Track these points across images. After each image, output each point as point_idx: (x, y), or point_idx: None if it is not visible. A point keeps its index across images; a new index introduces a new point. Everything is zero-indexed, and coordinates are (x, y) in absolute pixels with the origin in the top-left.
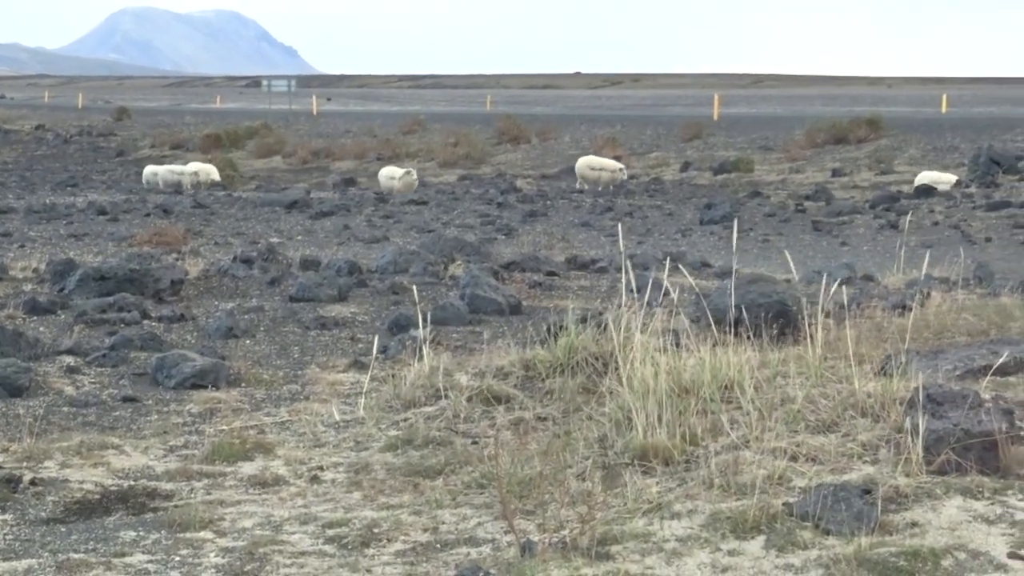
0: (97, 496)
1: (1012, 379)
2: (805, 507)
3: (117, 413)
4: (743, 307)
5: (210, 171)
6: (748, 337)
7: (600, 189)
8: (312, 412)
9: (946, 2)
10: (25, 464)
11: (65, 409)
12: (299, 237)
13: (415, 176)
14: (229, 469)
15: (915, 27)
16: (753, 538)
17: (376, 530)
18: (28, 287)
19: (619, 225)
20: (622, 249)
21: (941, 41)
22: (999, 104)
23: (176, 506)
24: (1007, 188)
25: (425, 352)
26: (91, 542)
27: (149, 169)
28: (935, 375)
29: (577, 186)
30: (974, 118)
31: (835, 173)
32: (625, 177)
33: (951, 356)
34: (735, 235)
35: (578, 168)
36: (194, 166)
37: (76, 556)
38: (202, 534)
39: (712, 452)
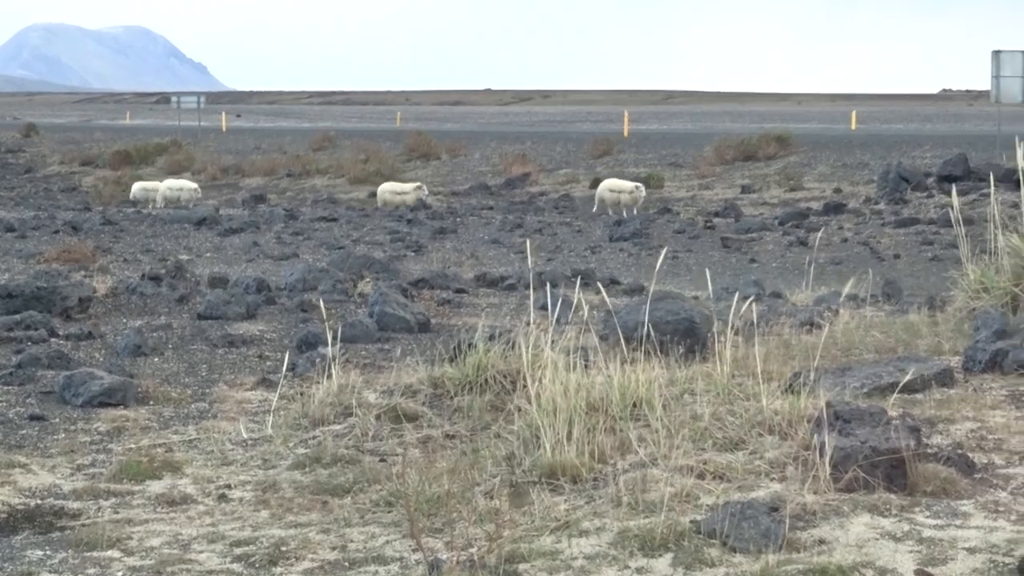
0: (3, 515)
1: (919, 396)
2: (712, 524)
3: (24, 431)
4: (652, 324)
5: (196, 187)
6: (657, 355)
7: (622, 212)
8: (220, 430)
9: (856, 20)
10: None
11: None
12: (208, 254)
13: (426, 190)
14: (137, 488)
15: (825, 44)
16: (661, 556)
17: (284, 548)
18: None
19: (527, 242)
20: (531, 266)
21: (851, 58)
22: (908, 121)
23: (83, 525)
24: (915, 205)
25: (334, 370)
26: None
27: (139, 186)
28: (843, 392)
29: (595, 210)
30: (883, 135)
31: (744, 190)
32: (644, 195)
33: (859, 373)
34: (661, 257)
35: (599, 191)
36: (183, 183)
37: None
38: (110, 553)
39: (620, 470)
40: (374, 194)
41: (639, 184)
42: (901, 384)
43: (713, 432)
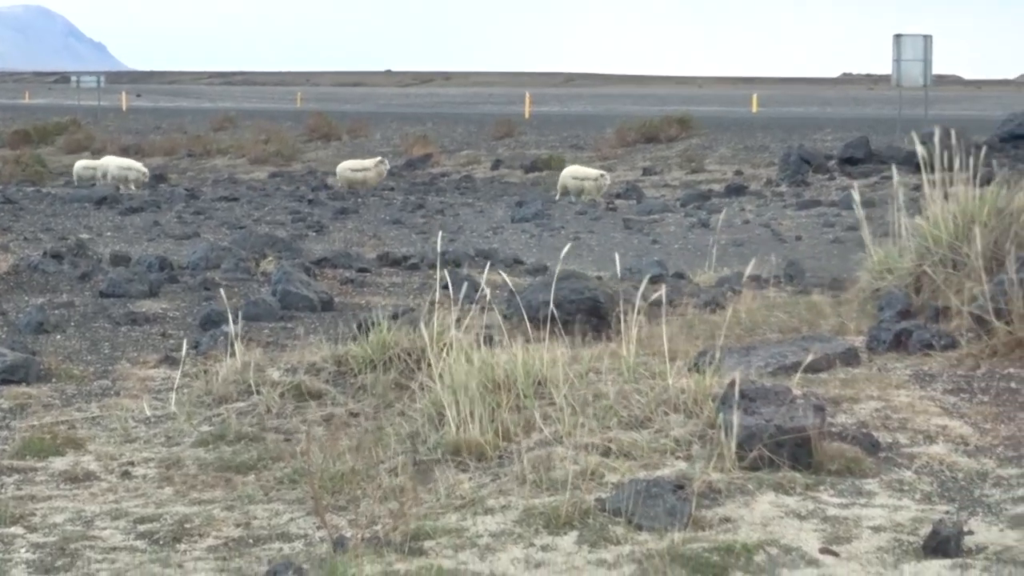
0: None
1: (824, 375)
2: (618, 503)
3: None
4: (556, 304)
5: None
6: (561, 334)
7: (584, 199)
8: (123, 408)
9: (757, 2)
10: None
11: None
12: (109, 233)
13: (387, 165)
14: (40, 464)
15: (726, 27)
16: (566, 533)
17: (188, 525)
18: None
19: (433, 222)
20: (436, 246)
21: (752, 42)
22: (809, 104)
23: None
24: (817, 187)
25: (237, 348)
26: None
27: (82, 164)
28: (747, 372)
29: (556, 197)
30: (784, 118)
31: (646, 172)
32: (608, 182)
33: (763, 353)
34: (566, 250)
35: (562, 179)
36: (132, 162)
37: None
38: (12, 529)
39: (525, 448)
40: (276, 174)
41: (604, 172)
42: (805, 363)
43: (618, 410)
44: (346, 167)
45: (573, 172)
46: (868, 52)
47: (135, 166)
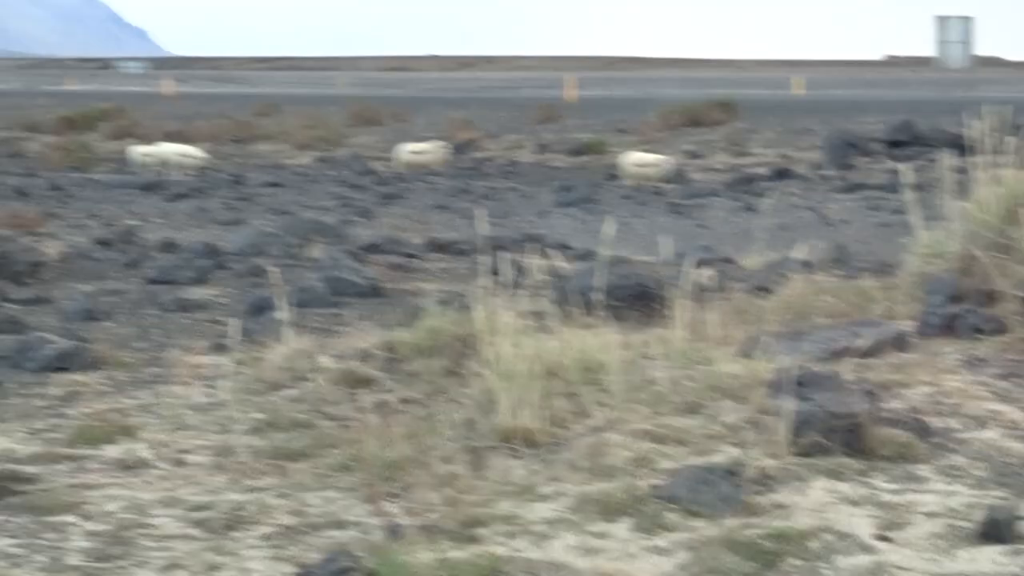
0: None
1: (874, 361)
2: (671, 489)
3: None
4: (605, 289)
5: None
6: (611, 319)
7: (663, 186)
8: (175, 395)
9: None
10: None
11: None
12: (156, 219)
13: (448, 148)
14: (93, 452)
15: (769, 9)
16: (620, 520)
17: (242, 513)
18: None
19: (479, 207)
20: (482, 231)
21: (795, 24)
22: (853, 87)
23: (40, 490)
24: (862, 170)
25: (287, 335)
26: None
27: (140, 150)
28: (798, 357)
29: (626, 182)
30: (828, 100)
31: (691, 155)
32: (671, 167)
33: (813, 338)
34: (608, 227)
35: (623, 164)
36: (190, 148)
37: None
38: (67, 517)
39: (577, 434)
40: (320, 160)
41: (666, 157)
42: (856, 349)
43: (670, 396)
44: (406, 149)
45: (634, 159)
46: (912, 34)
47: (193, 152)
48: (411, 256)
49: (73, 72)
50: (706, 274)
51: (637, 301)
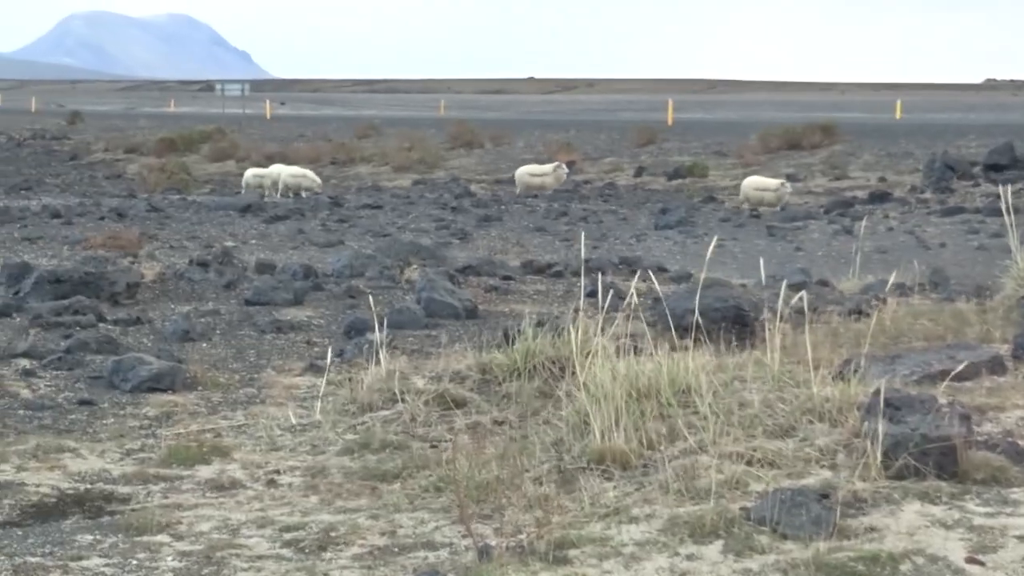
0: (53, 499)
1: (969, 384)
2: (763, 512)
3: (73, 416)
4: (700, 312)
5: (319, 180)
6: (705, 342)
7: (762, 209)
8: (268, 416)
9: (900, 8)
10: None
11: (21, 412)
12: (253, 241)
13: (566, 170)
14: (186, 472)
15: (869, 33)
16: (711, 543)
17: (333, 534)
18: None
19: (577, 230)
20: (580, 254)
21: (894, 47)
22: (953, 110)
23: (133, 509)
24: (961, 194)
25: (382, 356)
26: (48, 545)
27: (251, 172)
28: (893, 380)
29: (744, 207)
30: (928, 124)
31: (789, 178)
32: (790, 191)
33: (908, 361)
34: (707, 242)
35: (743, 189)
36: (306, 171)
37: (32, 560)
38: (159, 537)
39: (670, 456)
40: (419, 182)
41: (784, 181)
42: (952, 372)
43: (763, 419)
44: (525, 172)
45: (754, 183)
46: (1013, 57)
47: (308, 174)
48: (507, 278)
49: (175, 94)
50: (802, 297)
51: (732, 324)
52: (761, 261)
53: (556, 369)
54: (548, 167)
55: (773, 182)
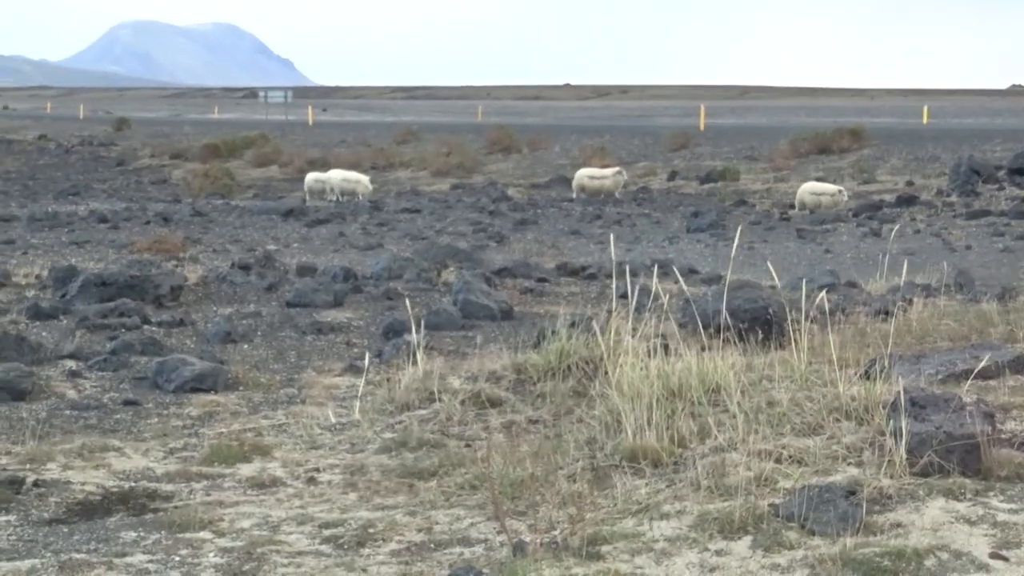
0: (98, 497)
1: (993, 383)
2: (791, 508)
3: (118, 416)
4: (730, 313)
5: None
6: (735, 342)
7: (792, 212)
8: (308, 415)
9: (926, 16)
10: (28, 466)
11: (67, 412)
12: (295, 244)
13: (624, 176)
14: (228, 471)
15: (898, 40)
16: (740, 538)
17: (371, 530)
18: (31, 293)
19: (611, 236)
20: (612, 256)
21: (923, 54)
22: (978, 115)
23: (176, 507)
24: (987, 197)
25: (419, 356)
26: (93, 542)
27: (312, 177)
28: (918, 379)
29: (797, 211)
30: (955, 129)
31: (819, 182)
32: (846, 199)
33: (933, 360)
34: (735, 244)
35: (800, 194)
36: (358, 175)
37: (78, 556)
38: (201, 534)
39: (700, 454)
40: (457, 186)
41: (841, 188)
42: (976, 371)
43: (791, 417)
44: (584, 174)
45: (812, 188)
46: None
47: (362, 179)
48: (542, 280)
49: (219, 101)
50: (828, 298)
51: (761, 324)
52: (789, 263)
53: (589, 369)
54: (608, 171)
55: (831, 187)
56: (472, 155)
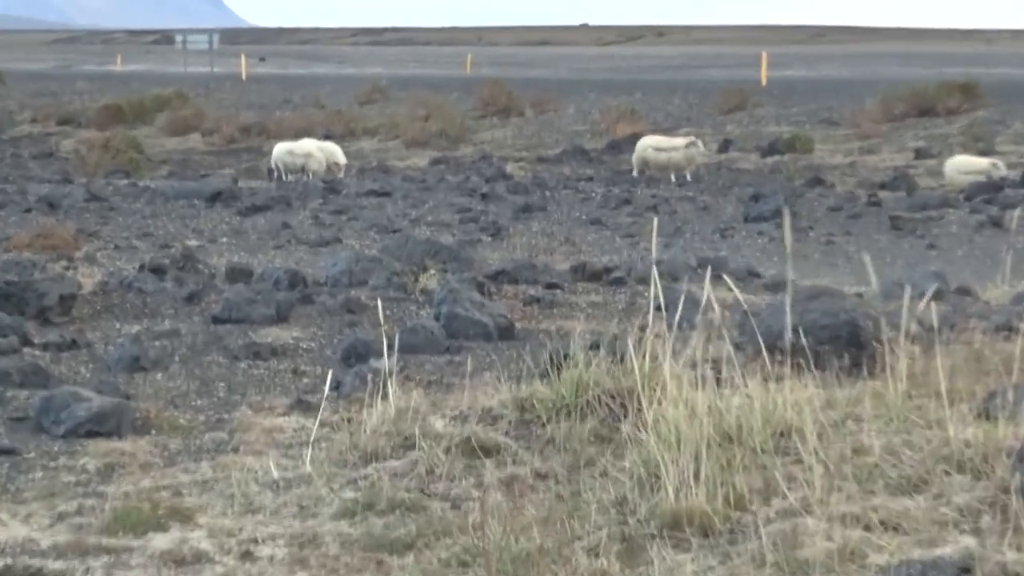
0: None
1: None
2: None
3: None
4: (803, 330)
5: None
6: (810, 369)
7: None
8: (243, 468)
9: None
10: None
11: None
12: (224, 239)
13: (701, 147)
14: (136, 542)
15: None
16: None
17: None
18: None
19: (644, 222)
20: (654, 253)
21: None
22: None
23: None
24: None
25: (390, 389)
26: None
27: (284, 148)
28: None
29: (948, 190)
30: None
31: (919, 154)
32: (1005, 174)
33: None
34: (788, 235)
35: (948, 170)
36: (328, 145)
37: None
38: None
39: (764, 519)
40: (439, 161)
41: (997, 161)
42: None
43: (885, 470)
44: (648, 144)
45: (964, 164)
46: None
47: (338, 150)
48: (553, 286)
49: (123, 48)
50: (936, 309)
51: (845, 345)
52: (877, 264)
53: (616, 405)
54: (679, 140)
55: (983, 162)
56: (459, 120)
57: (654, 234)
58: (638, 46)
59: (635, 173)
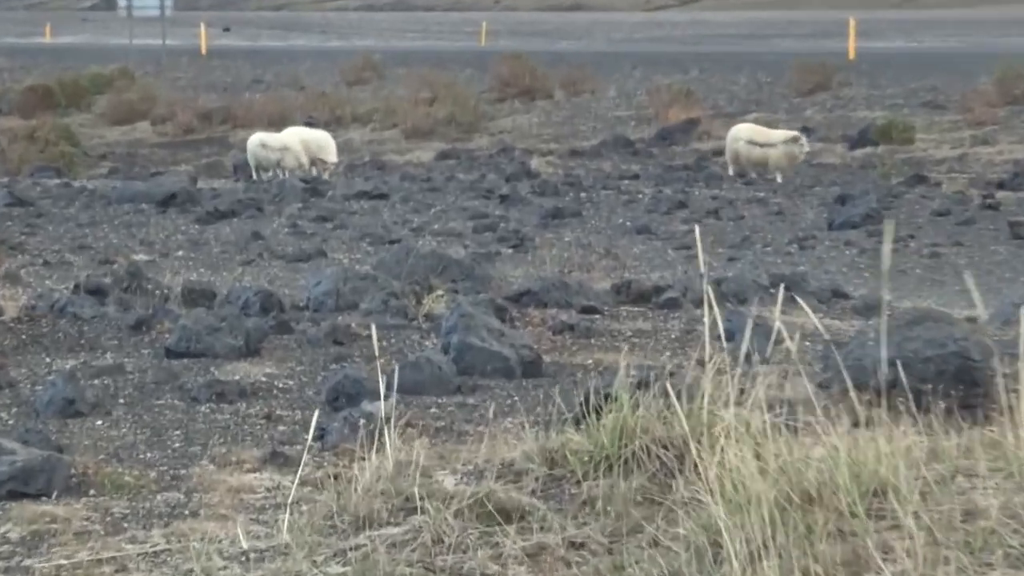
0: None
1: None
2: None
3: None
4: (901, 364)
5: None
6: (909, 412)
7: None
8: (204, 536)
9: None
10: None
11: None
12: (180, 253)
13: (805, 144)
14: None
15: None
16: None
17: None
18: None
19: (696, 231)
20: (703, 270)
21: None
22: None
23: None
24: None
25: (387, 438)
26: None
27: (258, 139)
28: None
29: None
30: None
31: None
32: None
33: None
34: (886, 246)
35: None
36: (314, 134)
37: None
38: None
39: None
40: (447, 154)
41: None
42: None
43: (1004, 536)
44: (740, 136)
45: None
46: None
47: (330, 141)
48: (590, 311)
49: (53, 15)
50: None
51: (953, 383)
52: (993, 280)
53: (668, 458)
54: (778, 134)
55: None
56: (472, 103)
57: (698, 243)
58: (694, 10)
59: (730, 172)
